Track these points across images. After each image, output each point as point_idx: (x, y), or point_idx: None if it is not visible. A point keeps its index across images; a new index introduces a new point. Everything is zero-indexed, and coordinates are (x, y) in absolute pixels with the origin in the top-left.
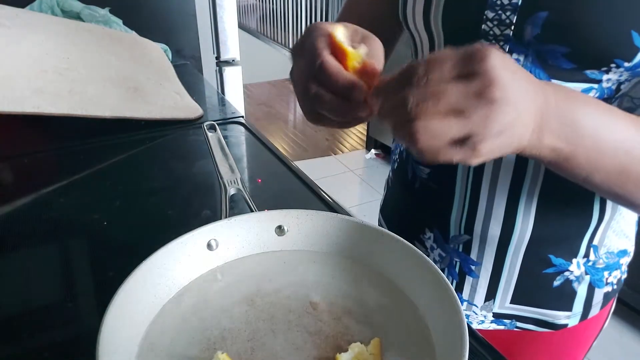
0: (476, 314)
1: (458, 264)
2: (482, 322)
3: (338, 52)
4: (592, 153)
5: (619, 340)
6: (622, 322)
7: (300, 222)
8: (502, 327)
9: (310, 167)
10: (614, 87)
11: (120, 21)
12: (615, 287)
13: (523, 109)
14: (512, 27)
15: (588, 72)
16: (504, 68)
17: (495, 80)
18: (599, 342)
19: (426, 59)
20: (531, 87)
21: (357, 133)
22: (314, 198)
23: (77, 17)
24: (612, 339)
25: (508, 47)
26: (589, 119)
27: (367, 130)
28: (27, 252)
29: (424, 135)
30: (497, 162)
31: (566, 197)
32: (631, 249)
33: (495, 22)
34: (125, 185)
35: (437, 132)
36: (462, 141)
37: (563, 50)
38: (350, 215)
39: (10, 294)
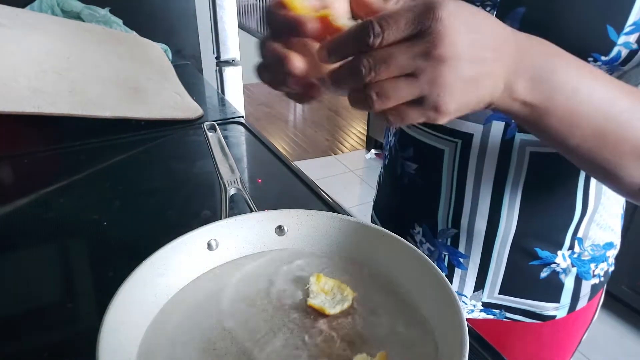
0: (465, 303)
1: (447, 257)
2: (472, 311)
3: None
4: (567, 113)
5: (619, 340)
6: (623, 322)
7: (300, 222)
8: (491, 317)
9: (310, 167)
10: None
11: (120, 21)
12: (602, 279)
13: (487, 61)
14: None
15: None
16: (456, 21)
17: (443, 38)
18: (599, 343)
19: (380, 16)
20: (498, 39)
21: (357, 133)
22: (314, 198)
23: (77, 17)
24: (613, 340)
25: None
26: (567, 77)
27: (367, 130)
28: (27, 252)
29: (377, 99)
30: (481, 157)
31: (549, 191)
32: (617, 241)
33: None
34: (125, 186)
35: (389, 95)
36: (419, 101)
37: None
38: (350, 215)
39: (10, 294)
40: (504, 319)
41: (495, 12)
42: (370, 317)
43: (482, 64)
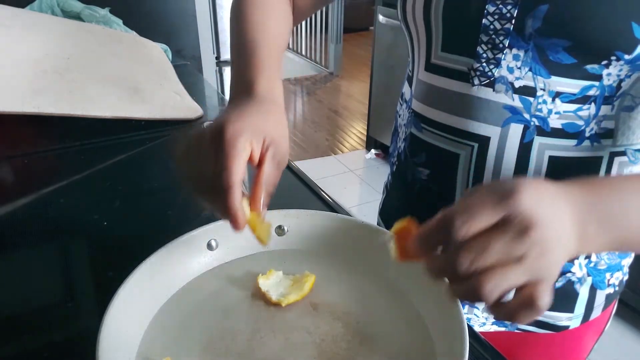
0: (477, 316)
1: None
2: (484, 324)
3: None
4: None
5: (620, 341)
6: (624, 323)
7: (300, 222)
8: (503, 329)
9: (310, 167)
10: (614, 85)
11: (120, 21)
12: (617, 288)
13: (563, 228)
14: (513, 21)
15: (588, 67)
16: (537, 201)
17: (534, 220)
18: (599, 343)
19: (457, 209)
20: (562, 203)
21: (357, 133)
22: (314, 198)
23: (77, 17)
24: (613, 340)
25: (508, 41)
26: (621, 200)
27: (367, 130)
28: (27, 252)
29: (489, 293)
30: (498, 161)
31: None
32: None
33: (496, 16)
34: (125, 186)
35: (497, 286)
36: (523, 287)
37: (564, 44)
38: (350, 215)
39: (10, 294)
40: (516, 330)
41: (517, 10)
42: (371, 317)
43: (562, 230)
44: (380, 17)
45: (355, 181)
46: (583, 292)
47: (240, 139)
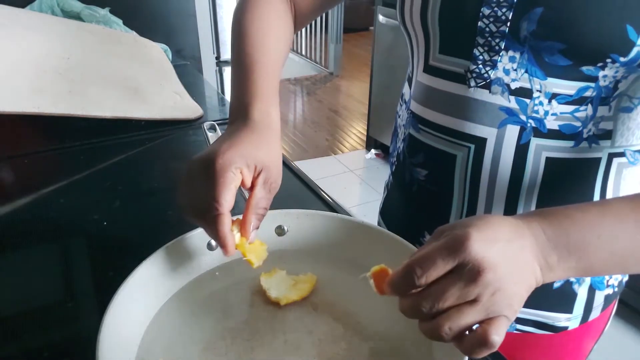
0: None
1: None
2: None
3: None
4: (605, 254)
5: (620, 341)
6: (624, 323)
7: (300, 222)
8: None
9: (310, 167)
10: (611, 86)
11: (120, 21)
12: (616, 289)
13: (522, 261)
14: (508, 24)
15: (584, 68)
16: (486, 245)
17: (483, 265)
18: (599, 343)
19: (417, 259)
20: (518, 239)
21: (357, 133)
22: (314, 198)
23: (77, 17)
24: (613, 340)
25: (504, 43)
26: (580, 230)
27: (367, 130)
28: (27, 252)
29: (447, 332)
30: (495, 162)
31: (565, 197)
32: None
33: (492, 19)
34: (125, 186)
35: (454, 326)
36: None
37: (559, 47)
38: (350, 215)
39: (10, 294)
40: (514, 331)
41: (512, 13)
42: (371, 317)
43: (518, 267)
44: (380, 17)
45: (355, 181)
46: (582, 293)
47: (231, 169)
